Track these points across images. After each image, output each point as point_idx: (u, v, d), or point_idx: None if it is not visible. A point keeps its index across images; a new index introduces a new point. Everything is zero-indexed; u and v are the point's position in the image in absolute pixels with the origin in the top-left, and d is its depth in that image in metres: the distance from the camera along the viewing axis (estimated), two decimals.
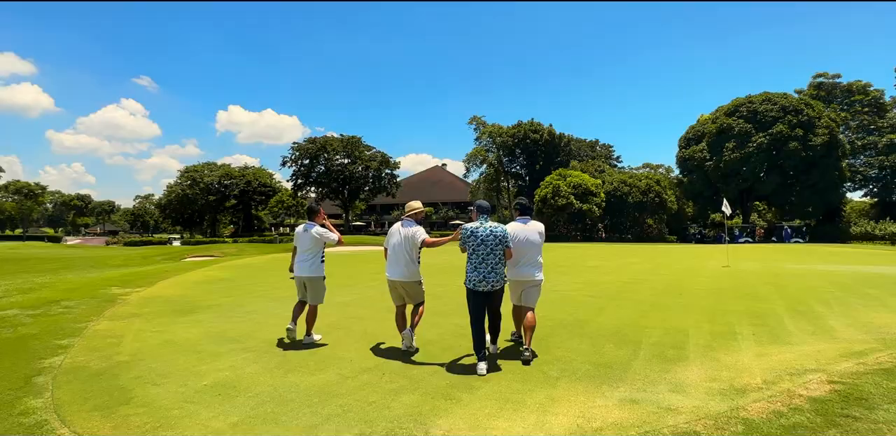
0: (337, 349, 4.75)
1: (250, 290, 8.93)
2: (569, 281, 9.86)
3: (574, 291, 8.41)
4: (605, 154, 74.26)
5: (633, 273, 11.42)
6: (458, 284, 9.88)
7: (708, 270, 11.92)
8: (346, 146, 58.56)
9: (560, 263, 14.49)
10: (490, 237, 4.12)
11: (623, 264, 13.98)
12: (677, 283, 9.42)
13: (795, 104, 34.29)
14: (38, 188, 68.98)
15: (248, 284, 9.84)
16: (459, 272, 11.85)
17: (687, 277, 10.56)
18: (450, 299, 7.51)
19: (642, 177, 47.58)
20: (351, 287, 9.25)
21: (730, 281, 9.66)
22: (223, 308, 7.04)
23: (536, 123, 54.09)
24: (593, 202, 41.90)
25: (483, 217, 4.27)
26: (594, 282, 9.66)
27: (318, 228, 5.05)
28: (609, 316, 6.16)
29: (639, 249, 23.36)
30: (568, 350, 4.57)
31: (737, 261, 14.60)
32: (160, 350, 4.73)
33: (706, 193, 39.02)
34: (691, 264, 13.98)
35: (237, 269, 12.70)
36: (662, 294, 7.93)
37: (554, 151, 53.69)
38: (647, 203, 44.48)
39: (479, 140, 57.13)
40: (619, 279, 10.12)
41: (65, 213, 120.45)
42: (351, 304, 7.38)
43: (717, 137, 36.48)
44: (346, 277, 10.95)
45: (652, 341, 4.87)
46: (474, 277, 4.14)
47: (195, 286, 9.33)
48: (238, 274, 11.53)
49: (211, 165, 72.71)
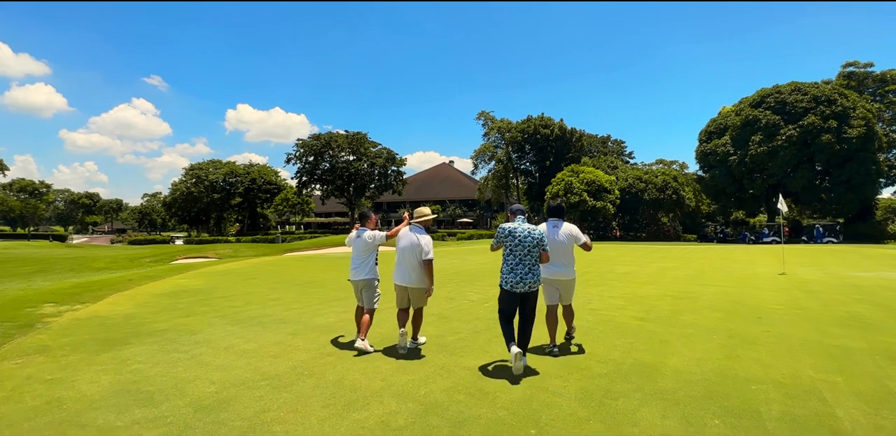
0: (302, 420, 3.10)
1: (217, 307, 7.34)
2: (603, 295, 8.15)
3: (616, 311, 6.70)
4: (618, 150, 71.99)
5: (676, 283, 9.67)
6: (472, 298, 8.25)
7: (764, 280, 10.11)
8: (352, 143, 57.05)
9: (585, 268, 12.76)
10: (528, 239, 4.08)
11: (659, 271, 12.21)
12: (741, 299, 7.66)
13: (828, 94, 31.99)
14: (43, 186, 68.46)
15: (219, 297, 8.26)
16: (470, 281, 10.22)
17: (745, 289, 8.79)
18: (461, 323, 5.86)
19: (658, 173, 45.50)
20: (340, 301, 7.63)
21: (805, 296, 7.88)
22: (168, 336, 5.44)
23: (547, 118, 52.11)
24: (607, 199, 39.96)
25: (520, 218, 4.25)
26: (636, 297, 7.93)
27: (370, 232, 5.00)
28: (683, 357, 4.45)
29: (665, 251, 21.50)
30: (648, 427, 2.89)
31: (788, 266, 12.72)
32: (25, 423, 3.12)
33: (729, 190, 36.86)
34: (738, 270, 12.16)
35: (216, 276, 11.13)
36: (734, 317, 6.19)
37: (565, 147, 51.68)
38: (664, 200, 42.44)
39: (487, 136, 55.35)
40: (665, 292, 8.37)
41: (74, 211, 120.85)
42: (331, 329, 5.73)
43: (742, 130, 34.30)
44: (337, 287, 9.32)
45: (774, 412, 3.16)
46: (511, 278, 4.07)
47: (152, 301, 7.77)
48: (214, 283, 9.96)
49: (216, 163, 71.73)
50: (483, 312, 6.68)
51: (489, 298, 7.82)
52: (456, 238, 44.86)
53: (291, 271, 12.52)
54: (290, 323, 6.11)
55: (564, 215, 4.70)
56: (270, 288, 9.19)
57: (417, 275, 4.54)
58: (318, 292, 8.69)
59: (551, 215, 4.67)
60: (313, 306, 7.31)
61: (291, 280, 10.28)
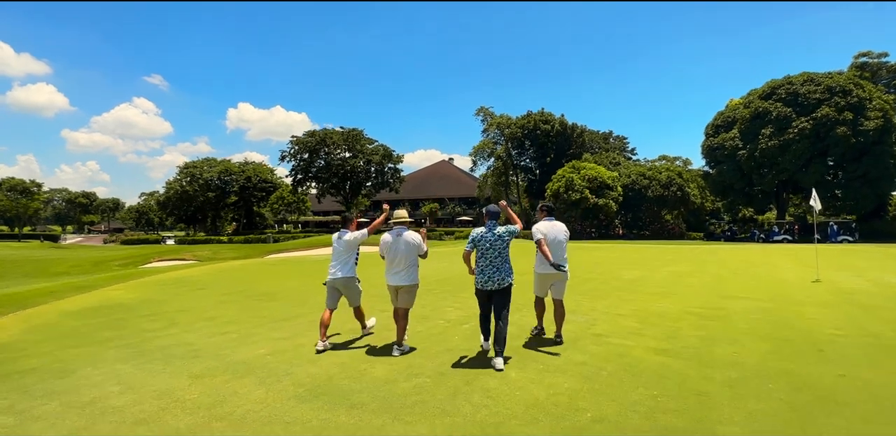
0: None
1: (128, 331, 5.91)
2: (610, 311, 6.68)
3: (629, 337, 5.23)
4: (620, 146, 70.37)
5: (696, 294, 8.19)
6: (450, 317, 6.79)
7: (800, 289, 8.61)
8: (347, 140, 55.58)
9: (586, 273, 11.28)
10: (498, 242, 4.32)
11: (672, 277, 10.72)
12: (784, 319, 6.17)
13: (843, 84, 30.33)
14: (34, 185, 67.22)
15: (141, 316, 6.83)
16: (455, 291, 8.77)
17: (783, 303, 7.29)
18: (425, 357, 4.40)
19: (662, 169, 43.95)
20: (289, 321, 6.18)
21: (864, 315, 6.36)
22: (25, 381, 4.02)
23: (547, 114, 50.57)
24: (610, 197, 38.46)
25: (492, 222, 4.46)
26: (651, 315, 6.46)
27: (350, 233, 5.15)
28: (734, 426, 2.99)
29: (674, 251, 20.00)
30: None
31: (817, 270, 11.14)
32: None
33: (737, 186, 35.24)
34: (763, 276, 10.67)
35: (159, 287, 9.60)
36: (787, 350, 4.69)
37: (566, 143, 50.15)
38: (669, 197, 40.90)
39: (486, 132, 53.84)
40: (687, 308, 6.89)
41: (72, 210, 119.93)
42: (251, 369, 4.28)
43: (752, 123, 32.66)
44: (297, 300, 7.87)
45: None
46: (481, 278, 4.34)
47: (52, 324, 6.34)
48: (150, 296, 8.50)
49: (210, 161, 70.40)
50: (459, 339, 5.24)
51: (471, 317, 6.39)
52: (454, 237, 43.39)
53: (254, 279, 11.07)
54: (203, 357, 4.69)
55: (555, 214, 5.15)
56: (215, 302, 7.76)
57: (411, 273, 4.73)
58: (269, 308, 7.26)
59: (546, 215, 5.07)
60: (251, 329, 5.88)
61: (246, 291, 8.84)
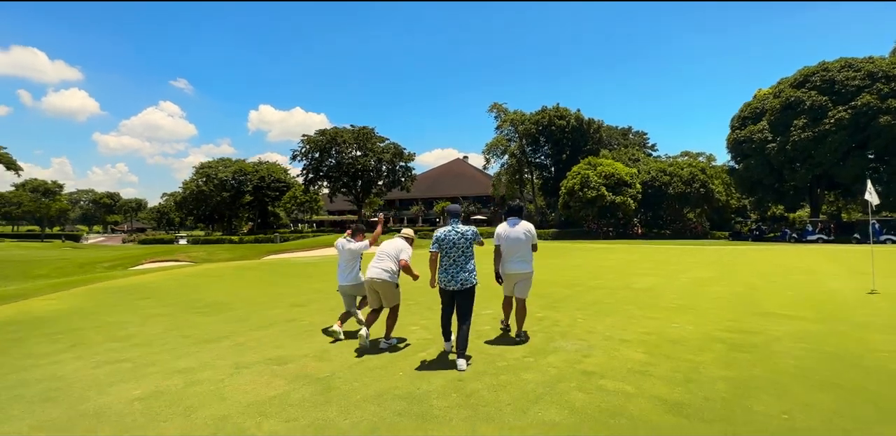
0: None
1: (8, 357, 4.82)
2: (613, 335, 5.26)
3: (630, 379, 3.83)
4: (639, 142, 67.72)
5: (722, 308, 6.69)
6: (412, 338, 5.42)
7: (857, 306, 6.94)
8: (358, 138, 54.79)
9: (591, 281, 9.82)
10: (461, 240, 4.31)
11: (692, 285, 9.19)
12: (846, 351, 4.62)
13: (886, 69, 27.76)
14: (55, 186, 68.68)
15: (44, 335, 5.75)
16: (431, 305, 7.48)
17: (840, 325, 5.73)
18: (340, 408, 3.14)
19: (685, 165, 41.69)
20: (210, 344, 5.01)
21: None
22: None
23: (563, 109, 48.69)
24: (628, 194, 36.53)
25: (454, 221, 4.44)
26: (664, 341, 5.02)
27: (356, 243, 5.41)
28: None
29: (696, 253, 18.25)
30: None
31: (869, 276, 9.40)
32: None
33: (766, 182, 32.87)
34: (805, 285, 9.04)
35: (99, 295, 8.39)
36: (861, 408, 3.25)
37: (582, 139, 48.17)
38: (691, 194, 38.70)
39: (500, 129, 52.31)
40: (711, 331, 5.41)
41: (97, 211, 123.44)
42: (104, 419, 3.07)
43: (782, 114, 30.32)
44: (239, 313, 6.70)
45: None
46: (444, 278, 4.31)
47: None
48: (83, 306, 7.39)
49: (225, 161, 70.91)
50: (402, 379, 3.93)
51: (434, 338, 5.10)
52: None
53: (213, 285, 9.80)
54: (55, 401, 3.52)
55: (522, 214, 5.05)
56: (145, 316, 6.64)
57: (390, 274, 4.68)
58: (202, 325, 6.10)
59: (508, 215, 4.99)
60: (156, 356, 4.72)
61: (193, 301, 7.67)
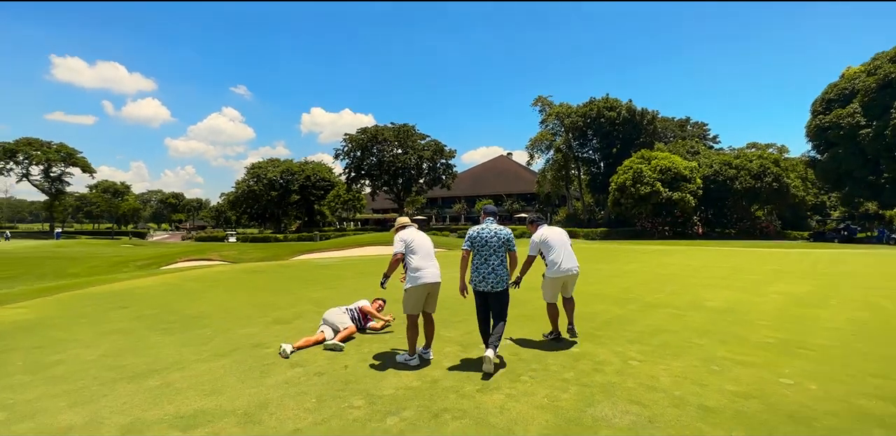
0: None
1: None
2: (687, 392, 3.65)
3: None
4: (699, 133, 62.53)
5: (858, 351, 4.77)
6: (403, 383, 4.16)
7: None
8: (399, 136, 54.35)
9: (646, 296, 8.06)
10: (494, 239, 4.16)
11: (790, 304, 7.19)
12: None
13: None
14: (123, 187, 73.76)
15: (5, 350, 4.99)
16: (446, 322, 6.13)
17: None
18: None
19: (753, 157, 37.53)
20: (145, 378, 3.99)
21: None
22: None
23: (612, 100, 45.60)
24: (687, 190, 33.33)
25: (489, 219, 4.34)
26: (784, 415, 3.35)
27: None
28: None
29: (776, 258, 15.64)
30: None
31: None
32: None
33: (857, 173, 28.65)
34: None
35: (81, 302, 7.49)
36: None
37: (634, 131, 44.87)
38: (761, 189, 34.67)
39: (545, 123, 49.84)
40: (855, 399, 3.62)
41: (163, 210, 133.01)
42: None
43: (879, 94, 26.22)
44: (208, 334, 5.69)
45: None
46: (475, 277, 4.19)
47: None
48: (49, 317, 6.50)
49: (274, 161, 73.26)
50: None
51: (434, 383, 3.78)
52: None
53: (209, 293, 8.63)
54: None
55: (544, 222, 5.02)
56: (103, 332, 5.70)
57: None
58: (151, 348, 5.03)
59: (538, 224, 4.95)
60: (44, 402, 3.73)
61: (168, 313, 6.63)
